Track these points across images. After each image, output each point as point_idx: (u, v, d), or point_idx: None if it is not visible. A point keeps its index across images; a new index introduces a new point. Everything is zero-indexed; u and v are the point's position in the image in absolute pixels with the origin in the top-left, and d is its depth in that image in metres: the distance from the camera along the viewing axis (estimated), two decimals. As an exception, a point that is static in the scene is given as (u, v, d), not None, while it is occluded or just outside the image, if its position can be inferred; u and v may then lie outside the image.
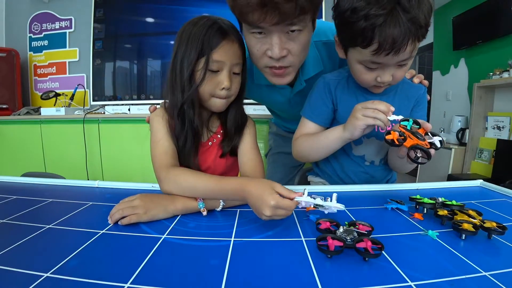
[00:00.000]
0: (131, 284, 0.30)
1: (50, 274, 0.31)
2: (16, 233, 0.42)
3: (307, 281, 0.31)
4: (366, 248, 0.34)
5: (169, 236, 0.42)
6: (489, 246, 0.40)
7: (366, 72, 0.53)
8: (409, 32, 0.44)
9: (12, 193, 0.61)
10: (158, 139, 0.61)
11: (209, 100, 0.62)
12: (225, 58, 0.58)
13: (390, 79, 0.52)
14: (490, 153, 2.37)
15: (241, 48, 0.61)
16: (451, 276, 0.32)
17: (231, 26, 0.61)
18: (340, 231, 0.38)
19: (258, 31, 0.53)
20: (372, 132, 0.58)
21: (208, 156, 0.70)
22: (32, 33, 2.54)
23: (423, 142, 0.44)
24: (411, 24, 0.43)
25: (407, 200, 0.55)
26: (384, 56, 0.47)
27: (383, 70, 0.51)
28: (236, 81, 0.62)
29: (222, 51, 0.57)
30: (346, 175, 0.72)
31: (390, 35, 0.44)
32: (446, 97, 3.13)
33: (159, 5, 2.25)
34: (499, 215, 0.52)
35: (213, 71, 0.58)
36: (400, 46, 0.44)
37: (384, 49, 0.45)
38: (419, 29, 0.45)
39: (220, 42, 0.57)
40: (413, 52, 0.49)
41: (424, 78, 0.70)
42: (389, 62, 0.49)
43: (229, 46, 0.58)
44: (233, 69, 0.60)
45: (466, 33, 2.62)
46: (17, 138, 2.13)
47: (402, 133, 0.47)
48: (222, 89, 0.59)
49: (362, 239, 0.36)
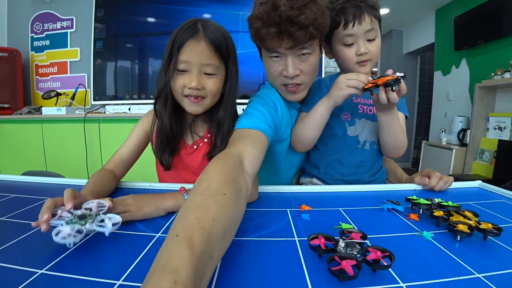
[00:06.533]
0: (123, 281, 0.30)
1: (44, 270, 0.32)
2: (13, 230, 0.42)
3: (298, 280, 0.31)
4: (376, 259, 0.32)
5: (164, 234, 0.42)
6: (484, 248, 0.39)
7: (346, 50, 0.66)
8: (362, 7, 0.63)
9: (11, 191, 0.62)
10: (125, 143, 0.72)
11: (182, 101, 0.64)
12: (191, 58, 0.59)
13: (366, 51, 0.65)
14: (491, 153, 2.36)
15: (214, 49, 0.60)
16: (443, 277, 0.32)
17: (207, 27, 0.61)
18: (341, 246, 0.34)
19: (275, 55, 0.63)
20: (362, 114, 0.73)
21: (193, 160, 0.71)
22: (34, 33, 2.55)
23: (389, 77, 0.57)
24: (362, 3, 0.63)
25: (404, 200, 0.55)
26: (352, 27, 0.63)
27: (358, 44, 0.65)
28: (211, 82, 0.62)
29: (188, 51, 0.59)
30: (338, 161, 0.73)
31: (349, 11, 0.63)
32: (447, 98, 3.12)
33: (160, 5, 2.26)
34: (496, 216, 0.52)
35: (181, 71, 0.61)
36: (360, 18, 0.62)
37: (349, 21, 0.63)
38: (368, 6, 0.63)
39: (185, 42, 0.59)
40: (374, 25, 0.64)
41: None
42: (358, 32, 0.64)
43: (195, 45, 0.59)
44: (203, 70, 0.61)
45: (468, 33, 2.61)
46: (19, 137, 2.14)
47: (374, 81, 0.59)
48: (189, 89, 0.61)
49: (369, 250, 0.33)
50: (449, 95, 3.07)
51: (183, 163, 0.72)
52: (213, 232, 0.28)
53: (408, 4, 3.15)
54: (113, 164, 0.68)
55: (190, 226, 0.27)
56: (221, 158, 0.43)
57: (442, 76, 3.19)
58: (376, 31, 0.65)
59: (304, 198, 0.60)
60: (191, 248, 0.25)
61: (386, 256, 0.32)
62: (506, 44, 2.30)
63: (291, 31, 0.55)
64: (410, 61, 4.06)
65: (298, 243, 0.39)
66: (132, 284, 0.30)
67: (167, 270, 0.22)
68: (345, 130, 0.73)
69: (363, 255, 0.32)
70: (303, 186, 0.74)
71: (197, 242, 0.26)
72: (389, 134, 0.67)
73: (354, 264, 0.30)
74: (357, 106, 0.74)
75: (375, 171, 0.76)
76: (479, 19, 2.46)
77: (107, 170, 0.65)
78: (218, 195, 0.33)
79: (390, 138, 0.68)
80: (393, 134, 0.67)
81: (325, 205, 0.55)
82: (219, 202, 0.32)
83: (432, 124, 3.42)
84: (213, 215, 0.30)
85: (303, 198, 0.59)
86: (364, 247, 0.34)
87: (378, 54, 0.69)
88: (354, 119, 0.73)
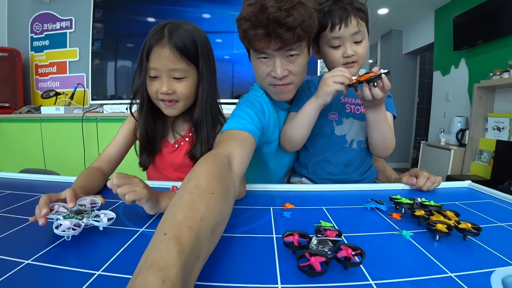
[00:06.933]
0: (103, 271, 0.32)
1: (30, 261, 0.34)
2: (5, 224, 0.44)
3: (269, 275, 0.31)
4: (347, 257, 0.32)
5: (147, 229, 0.43)
6: (462, 247, 0.39)
7: (333, 52, 0.68)
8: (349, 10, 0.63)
9: (7, 188, 0.63)
10: (112, 142, 0.74)
11: (159, 104, 0.66)
12: (158, 65, 0.62)
13: (353, 53, 0.66)
14: (490, 154, 2.34)
15: (179, 53, 0.61)
16: (415, 276, 0.32)
17: (174, 32, 0.61)
18: (314, 243, 0.35)
19: (263, 56, 0.63)
20: (349, 113, 0.74)
21: (174, 158, 0.73)
22: (34, 33, 2.57)
23: (372, 73, 0.58)
24: (349, 5, 0.64)
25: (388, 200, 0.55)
26: (339, 30, 0.64)
27: (345, 46, 0.66)
28: (181, 85, 0.64)
29: (155, 58, 0.62)
30: (326, 160, 0.74)
31: (336, 14, 0.64)
32: (446, 98, 3.11)
33: (157, 5, 2.27)
34: (481, 216, 0.52)
35: (152, 77, 0.63)
36: (347, 20, 0.63)
37: (335, 24, 0.64)
38: (355, 9, 0.63)
39: (152, 49, 0.61)
40: (360, 27, 0.64)
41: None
42: (345, 35, 0.64)
43: (160, 52, 0.61)
44: (171, 74, 0.63)
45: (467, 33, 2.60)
46: (18, 135, 2.16)
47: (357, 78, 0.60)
48: (162, 94, 0.63)
49: (341, 247, 0.33)
50: (448, 95, 3.06)
51: (166, 161, 0.74)
52: (201, 231, 0.28)
53: (408, 4, 3.14)
54: (101, 162, 0.69)
55: (179, 224, 0.27)
56: (210, 157, 0.43)
57: (441, 76, 3.18)
58: (363, 33, 0.66)
59: (290, 197, 0.60)
60: (179, 246, 0.25)
61: (357, 254, 0.33)
62: (505, 44, 2.29)
63: (279, 33, 0.55)
64: (410, 61, 4.05)
65: (275, 240, 0.40)
66: (110, 274, 0.31)
67: (155, 268, 0.22)
68: (332, 129, 0.74)
69: (334, 252, 0.33)
70: (290, 185, 0.74)
71: (185, 241, 0.26)
72: (377, 132, 0.68)
73: (323, 261, 0.30)
74: (345, 106, 0.74)
75: (364, 170, 0.76)
76: (478, 19, 2.45)
77: (95, 168, 0.66)
78: (207, 194, 0.33)
79: (378, 137, 0.68)
80: (381, 132, 0.67)
81: (309, 203, 0.56)
82: (208, 201, 0.32)
83: (431, 124, 3.40)
84: (201, 214, 0.30)
85: (288, 197, 0.60)
86: (337, 244, 0.34)
87: (366, 56, 0.69)
88: (341, 118, 0.74)
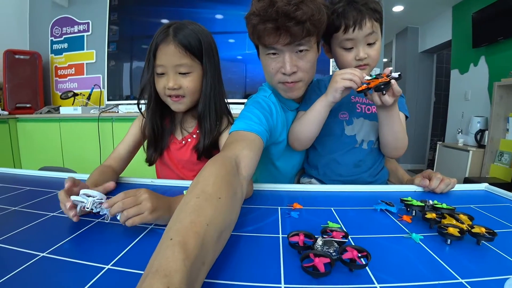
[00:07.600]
0: (112, 266, 0.33)
1: (46, 254, 0.36)
2: (23, 219, 0.47)
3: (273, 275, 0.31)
4: (352, 259, 0.31)
5: (156, 227, 0.44)
6: (475, 253, 0.38)
7: (345, 54, 0.66)
8: (364, 12, 0.62)
9: (27, 185, 0.67)
10: (123, 140, 0.76)
11: (166, 101, 0.68)
12: (164, 62, 0.64)
13: (366, 55, 0.65)
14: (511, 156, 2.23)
15: (184, 49, 0.64)
16: (422, 280, 0.31)
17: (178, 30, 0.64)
18: (319, 244, 0.34)
19: (272, 52, 0.62)
20: (360, 113, 0.73)
21: (182, 154, 0.75)
22: (53, 36, 2.69)
23: (382, 79, 0.57)
24: (363, 6, 0.63)
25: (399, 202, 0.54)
26: (352, 32, 0.63)
27: (357, 48, 0.65)
28: (187, 80, 0.66)
29: (161, 55, 0.64)
30: (335, 161, 0.73)
31: (350, 16, 0.62)
32: (464, 97, 2.98)
33: (170, 7, 2.31)
34: (497, 220, 0.50)
35: (159, 74, 0.66)
36: (361, 23, 0.62)
37: (349, 26, 0.63)
38: (370, 10, 0.62)
39: (158, 47, 0.64)
40: (375, 28, 0.63)
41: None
42: (358, 37, 0.63)
43: (165, 49, 0.63)
44: (178, 70, 0.65)
45: (487, 29, 2.48)
46: (39, 135, 2.27)
47: (368, 83, 0.59)
48: (169, 89, 0.66)
49: (346, 249, 0.33)
50: (467, 94, 2.94)
51: (174, 158, 0.76)
52: (207, 236, 0.29)
53: (424, 1, 3.04)
54: (112, 160, 0.72)
55: (185, 230, 0.28)
56: (217, 160, 0.43)
57: (459, 75, 3.05)
58: (377, 35, 0.65)
59: (298, 197, 0.60)
60: (185, 252, 0.25)
61: (363, 256, 0.32)
62: (529, 41, 2.17)
63: (288, 27, 0.55)
64: (426, 60, 3.91)
65: (281, 240, 0.40)
66: (119, 269, 0.33)
67: (160, 274, 0.23)
68: (343, 129, 0.73)
69: (339, 254, 0.32)
70: (298, 185, 0.74)
71: (191, 246, 0.26)
72: (389, 132, 0.66)
73: (327, 262, 0.30)
74: (355, 105, 0.73)
75: (375, 172, 0.75)
76: (499, 14, 2.34)
77: (107, 165, 0.69)
78: (214, 199, 0.33)
79: (391, 137, 0.67)
80: (393, 132, 0.66)
81: (317, 204, 0.55)
82: (214, 206, 0.32)
83: (449, 124, 3.28)
84: (207, 220, 0.30)
85: (297, 197, 0.60)
86: (342, 246, 0.34)
87: (378, 58, 0.68)
88: (352, 118, 0.73)
